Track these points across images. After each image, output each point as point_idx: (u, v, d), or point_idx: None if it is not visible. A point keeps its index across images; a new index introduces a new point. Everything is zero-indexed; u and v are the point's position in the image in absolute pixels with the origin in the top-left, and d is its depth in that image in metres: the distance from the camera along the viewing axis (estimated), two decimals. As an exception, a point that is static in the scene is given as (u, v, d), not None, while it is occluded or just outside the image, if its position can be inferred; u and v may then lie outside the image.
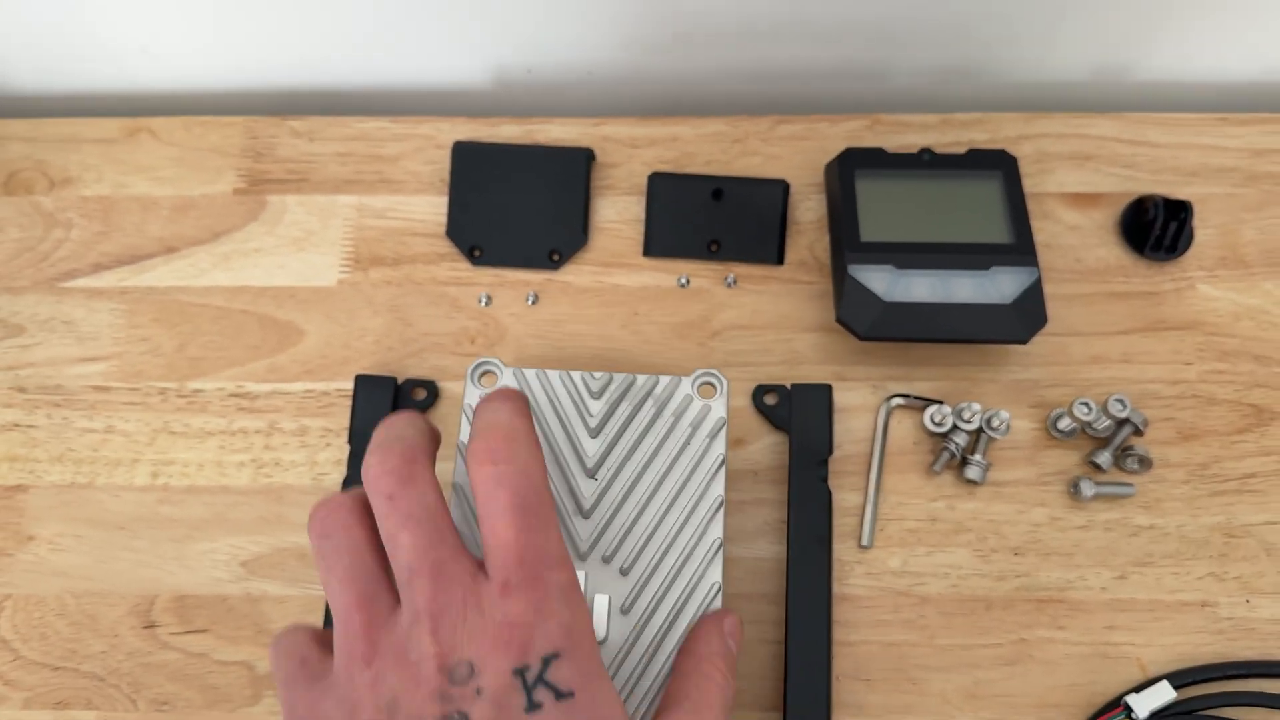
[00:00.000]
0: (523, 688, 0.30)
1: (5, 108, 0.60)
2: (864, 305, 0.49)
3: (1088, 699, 0.46)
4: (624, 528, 0.41)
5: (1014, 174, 0.52)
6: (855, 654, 0.47)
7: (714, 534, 0.41)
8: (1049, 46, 0.57)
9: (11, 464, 0.51)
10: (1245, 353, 0.52)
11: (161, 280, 0.54)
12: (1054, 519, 0.49)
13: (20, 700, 0.47)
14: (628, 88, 0.59)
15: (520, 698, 0.30)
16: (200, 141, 0.57)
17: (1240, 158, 0.55)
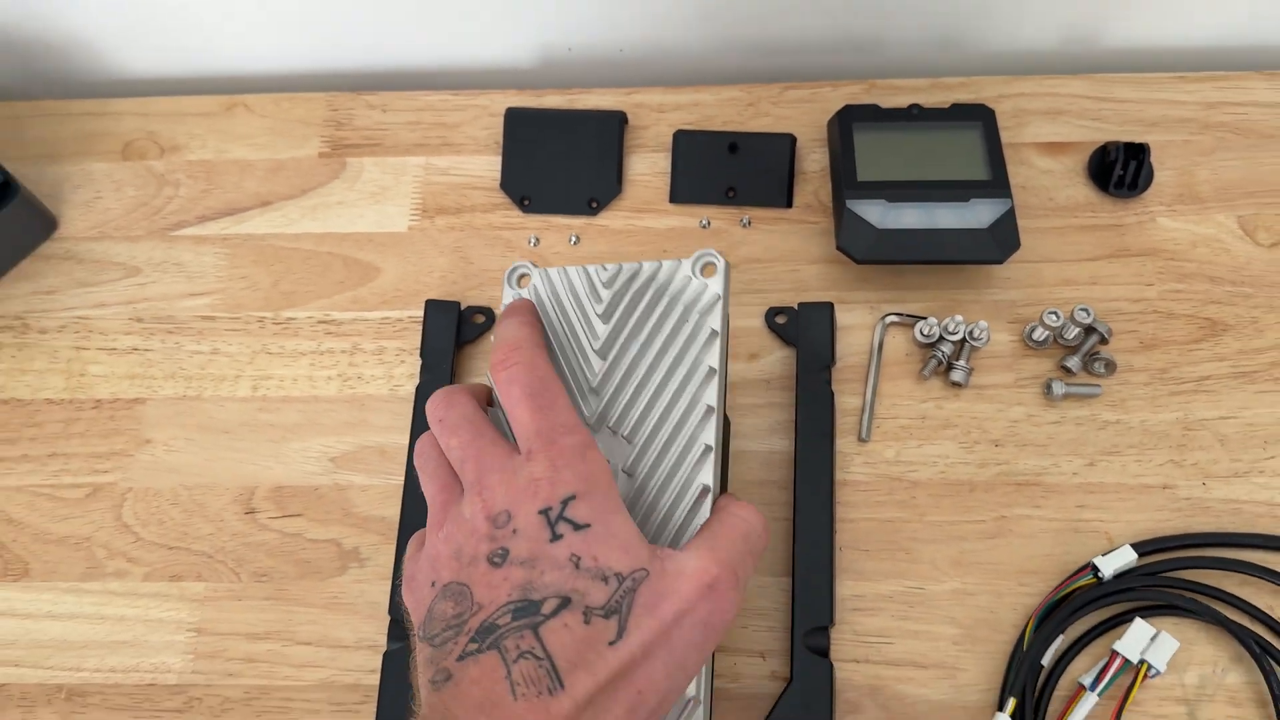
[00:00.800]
0: (547, 524, 0.38)
1: (121, 88, 0.70)
2: (860, 233, 0.57)
3: (1061, 566, 0.53)
4: (627, 399, 0.45)
5: (992, 124, 0.60)
6: (855, 529, 0.54)
7: (707, 399, 0.44)
8: (1023, 18, 0.65)
9: (131, 381, 0.60)
10: (1201, 275, 0.59)
11: (258, 229, 0.63)
12: (1030, 415, 0.56)
13: (140, 574, 0.56)
14: (654, 62, 0.68)
15: (546, 532, 0.38)
16: (288, 114, 0.66)
17: (1195, 110, 0.63)
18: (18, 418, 0.60)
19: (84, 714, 0.53)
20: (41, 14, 0.65)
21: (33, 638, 0.55)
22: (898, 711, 0.51)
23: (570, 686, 0.34)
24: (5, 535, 0.57)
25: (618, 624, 0.36)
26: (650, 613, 0.36)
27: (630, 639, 0.36)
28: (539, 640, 0.35)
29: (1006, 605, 0.52)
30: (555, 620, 0.35)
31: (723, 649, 0.52)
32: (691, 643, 0.37)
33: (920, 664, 0.52)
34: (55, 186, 0.65)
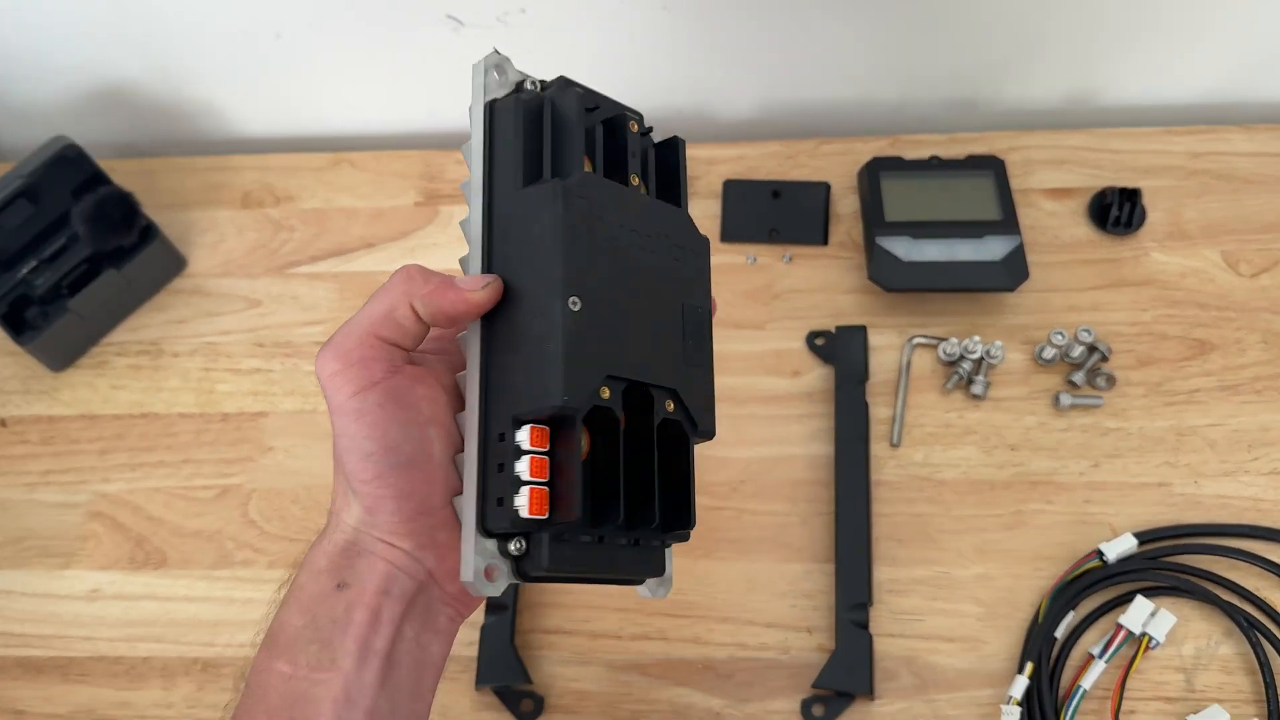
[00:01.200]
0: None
1: (240, 146, 0.80)
2: (889, 266, 0.65)
3: (1070, 552, 0.60)
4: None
5: (1002, 172, 0.69)
6: (889, 522, 0.62)
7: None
8: (1030, 81, 0.74)
9: (255, 397, 0.69)
10: (1190, 301, 0.67)
11: (364, 266, 0.73)
12: (1041, 423, 0.64)
13: (265, 562, 0.64)
14: (705, 122, 0.78)
15: None
16: (388, 169, 0.76)
17: (1182, 159, 0.71)
18: (155, 429, 0.69)
19: (217, 683, 0.61)
20: (174, 82, 0.76)
21: (171, 618, 0.63)
22: (929, 678, 0.58)
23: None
24: (145, 530, 0.66)
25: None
26: None
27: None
28: None
29: (1024, 587, 0.60)
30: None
31: (774, 625, 0.60)
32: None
33: (948, 637, 0.59)
34: (184, 230, 0.75)
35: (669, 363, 0.41)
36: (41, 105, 0.78)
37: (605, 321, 0.39)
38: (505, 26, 0.69)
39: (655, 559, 0.42)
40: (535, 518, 0.37)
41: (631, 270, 0.40)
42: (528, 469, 0.37)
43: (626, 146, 0.42)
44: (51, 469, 0.68)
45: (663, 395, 0.40)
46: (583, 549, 0.39)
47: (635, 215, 0.41)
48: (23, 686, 0.62)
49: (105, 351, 0.72)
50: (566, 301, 0.38)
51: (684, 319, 0.42)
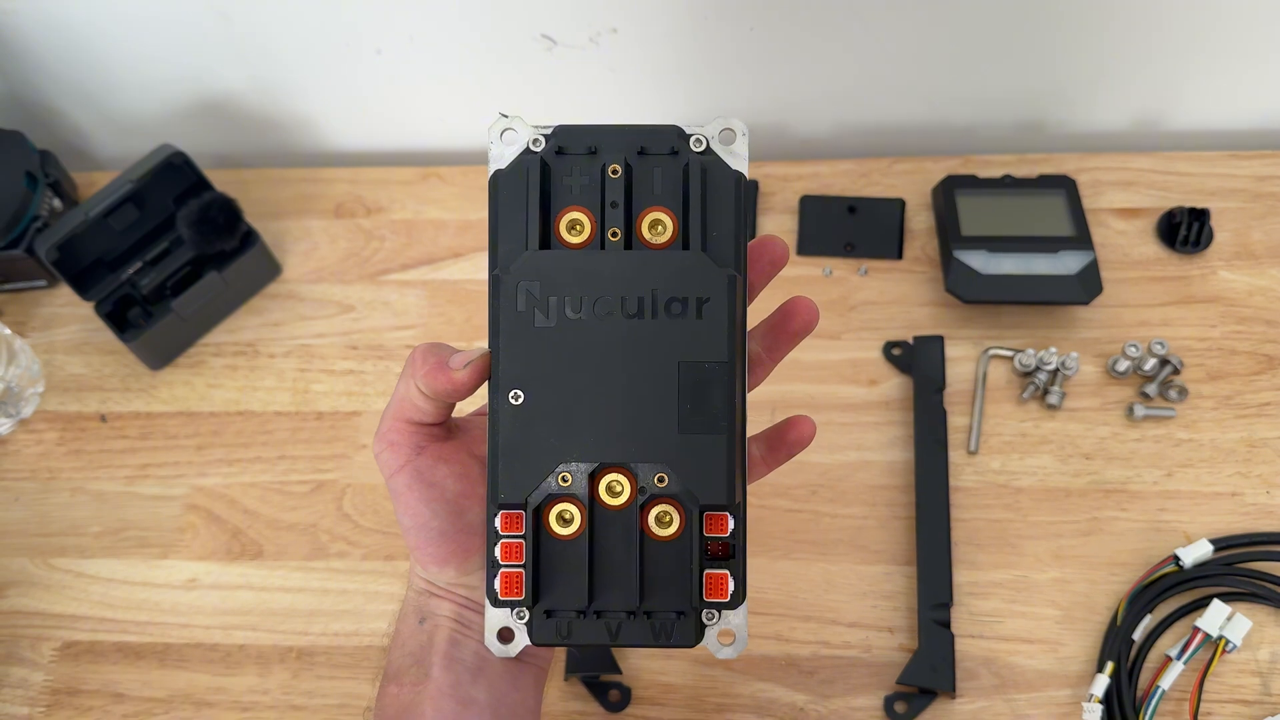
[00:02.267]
0: None
1: (334, 159, 0.83)
2: (967, 278, 0.68)
3: (1145, 559, 0.62)
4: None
5: (1074, 191, 0.71)
6: (968, 527, 0.64)
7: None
8: (1098, 105, 0.77)
9: (349, 396, 0.72)
10: (1258, 318, 0.69)
11: (452, 275, 0.75)
12: (1115, 434, 0.66)
13: (359, 554, 0.66)
14: (780, 140, 0.80)
15: None
16: (475, 183, 0.79)
17: (1248, 182, 0.74)
18: (251, 426, 0.71)
19: (311, 670, 0.63)
20: (273, 95, 0.79)
21: (267, 607, 0.65)
22: (1008, 678, 0.59)
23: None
24: (242, 522, 0.68)
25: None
26: None
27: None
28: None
29: (1100, 591, 0.61)
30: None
31: (855, 624, 0.62)
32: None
33: (1027, 639, 0.60)
34: (278, 238, 0.78)
35: (654, 434, 0.39)
36: (142, 116, 0.81)
37: (559, 407, 0.39)
38: (596, 46, 0.72)
39: (679, 628, 0.41)
40: (510, 599, 0.41)
41: (600, 341, 0.39)
42: (500, 553, 0.41)
43: (605, 199, 0.40)
44: (149, 463, 0.71)
45: (650, 469, 0.40)
46: (577, 622, 0.41)
47: (609, 278, 0.39)
48: (122, 671, 0.64)
49: (202, 352, 0.75)
50: (507, 396, 0.39)
51: (680, 379, 0.39)
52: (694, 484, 0.40)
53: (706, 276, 0.40)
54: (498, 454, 0.40)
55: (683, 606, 0.40)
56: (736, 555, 0.41)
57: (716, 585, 0.40)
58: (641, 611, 0.40)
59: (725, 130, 0.41)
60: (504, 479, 0.40)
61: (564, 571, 0.40)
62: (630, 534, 0.40)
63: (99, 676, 0.64)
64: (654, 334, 0.39)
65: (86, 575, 0.68)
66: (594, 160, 0.41)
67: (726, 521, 0.40)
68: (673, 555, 0.40)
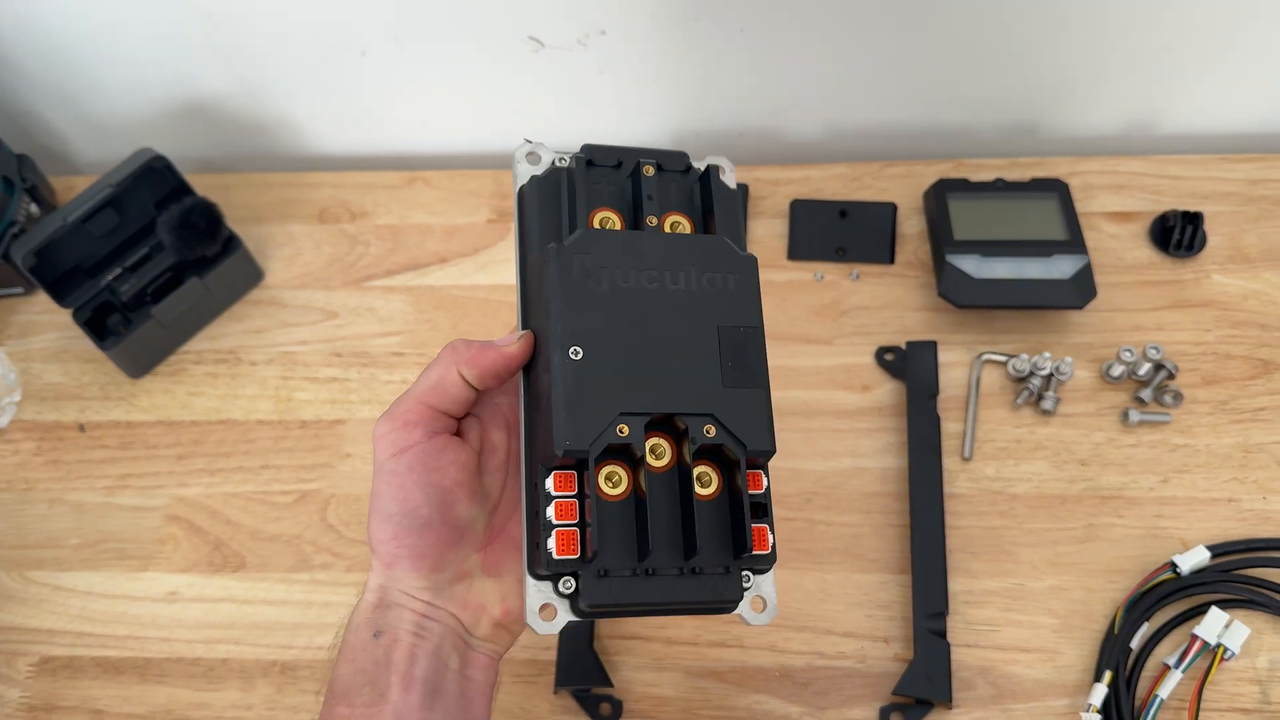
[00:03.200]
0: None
1: (318, 163, 0.82)
2: (960, 283, 0.67)
3: (1142, 566, 0.61)
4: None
5: (1066, 194, 0.70)
6: (963, 534, 0.63)
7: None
8: (1090, 108, 0.76)
9: (333, 404, 0.70)
10: (1252, 323, 0.68)
11: (438, 281, 0.74)
12: (1110, 439, 0.65)
13: (344, 566, 0.65)
14: (770, 144, 0.80)
15: None
16: (461, 187, 0.78)
17: (1241, 185, 0.73)
18: (233, 435, 0.70)
19: (295, 685, 0.62)
20: (257, 98, 0.78)
21: (250, 620, 0.64)
22: (1005, 688, 0.59)
23: None
24: (224, 534, 0.67)
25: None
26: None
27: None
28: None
29: (1097, 599, 0.60)
30: None
31: (850, 634, 0.61)
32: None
33: (1024, 648, 0.60)
34: (261, 244, 0.77)
35: (702, 387, 0.42)
36: (123, 119, 0.80)
37: (615, 362, 0.42)
38: (585, 48, 0.72)
39: (726, 585, 0.42)
40: (566, 558, 0.41)
41: (648, 307, 0.43)
42: (554, 513, 0.41)
43: (641, 193, 0.45)
44: (129, 473, 0.70)
45: (699, 421, 0.42)
46: (631, 582, 0.41)
47: (652, 254, 0.44)
48: (101, 686, 0.63)
49: (183, 360, 0.73)
50: (567, 353, 0.41)
51: (720, 340, 0.43)
52: (741, 432, 0.42)
53: (735, 257, 0.45)
54: (561, 403, 0.41)
55: (728, 561, 0.42)
56: (769, 513, 0.43)
57: (759, 538, 0.42)
58: (689, 569, 0.41)
59: (713, 166, 0.47)
60: (569, 427, 0.41)
61: (615, 532, 0.41)
62: (674, 492, 0.42)
63: (77, 692, 0.63)
64: (695, 301, 0.43)
65: (64, 588, 0.66)
66: (619, 172, 0.46)
67: (761, 479, 0.43)
68: (714, 514, 0.42)
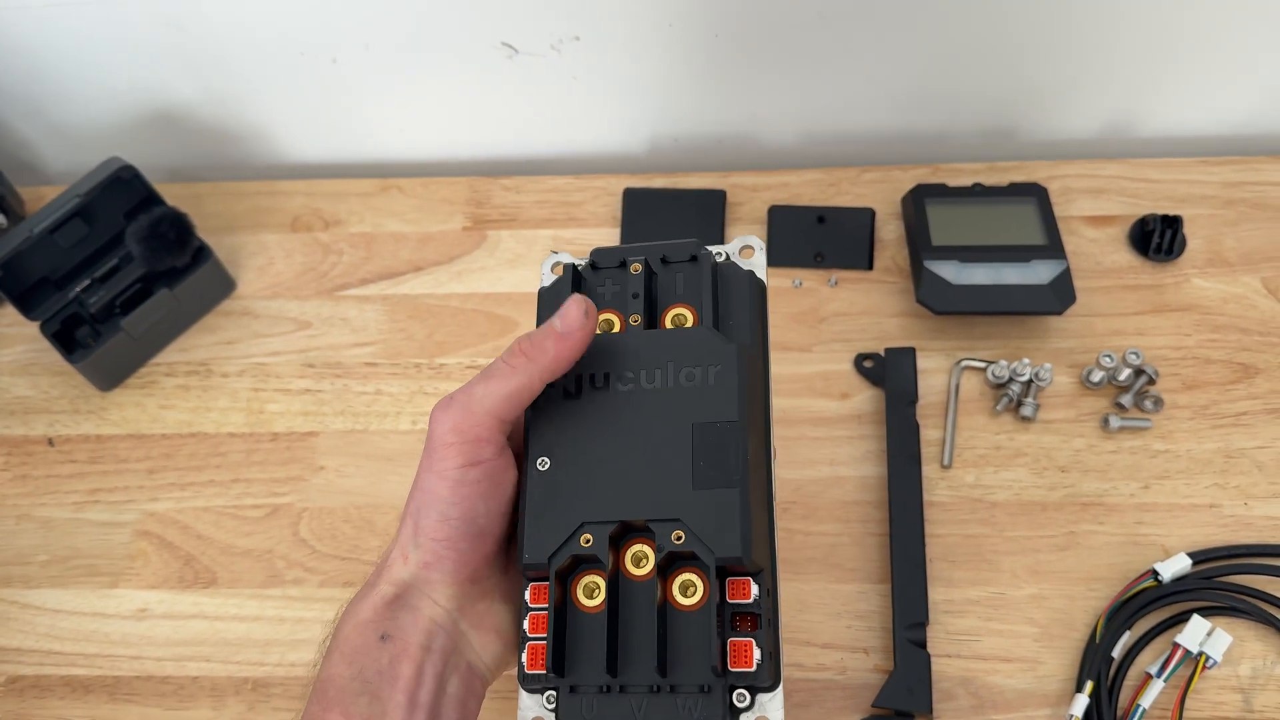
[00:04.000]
0: None
1: (290, 171, 0.81)
2: (938, 289, 0.66)
3: (1123, 573, 0.61)
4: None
5: (1045, 199, 0.70)
6: (943, 543, 0.62)
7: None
8: (1068, 112, 0.76)
9: (305, 416, 0.69)
10: (1233, 326, 0.68)
11: (413, 290, 0.73)
12: (1090, 446, 0.64)
13: (317, 581, 0.64)
14: (747, 150, 0.79)
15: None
16: (435, 194, 0.77)
17: (1219, 188, 0.73)
18: (204, 448, 0.69)
19: (267, 703, 0.61)
20: (226, 106, 0.77)
21: (221, 637, 0.63)
22: (986, 699, 0.58)
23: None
24: (195, 549, 0.66)
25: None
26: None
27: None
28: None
29: (1078, 607, 0.60)
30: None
31: (830, 645, 0.60)
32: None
33: (1005, 658, 0.59)
34: (233, 254, 0.76)
35: (669, 492, 0.40)
36: (91, 128, 0.79)
37: (583, 471, 0.41)
38: (558, 54, 0.71)
39: (704, 706, 0.39)
40: (535, 672, 0.40)
41: (621, 410, 0.42)
42: (528, 625, 0.41)
43: (626, 292, 0.45)
44: (99, 488, 0.68)
45: (666, 528, 0.40)
46: (602, 700, 0.39)
47: (629, 355, 0.43)
48: (70, 706, 0.62)
49: (154, 372, 0.72)
50: (535, 464, 0.42)
51: (694, 438, 0.41)
52: (708, 537, 0.39)
53: (717, 347, 0.42)
54: (523, 517, 0.41)
55: (706, 679, 0.39)
56: (764, 627, 0.39)
57: (740, 653, 0.39)
58: (665, 687, 0.39)
59: (745, 248, 0.46)
60: (529, 541, 0.40)
61: (590, 645, 0.40)
62: (651, 603, 0.40)
63: (45, 712, 0.61)
64: (670, 401, 0.42)
65: (32, 606, 0.65)
66: (623, 271, 0.45)
67: (750, 587, 0.39)
68: (698, 626, 0.40)
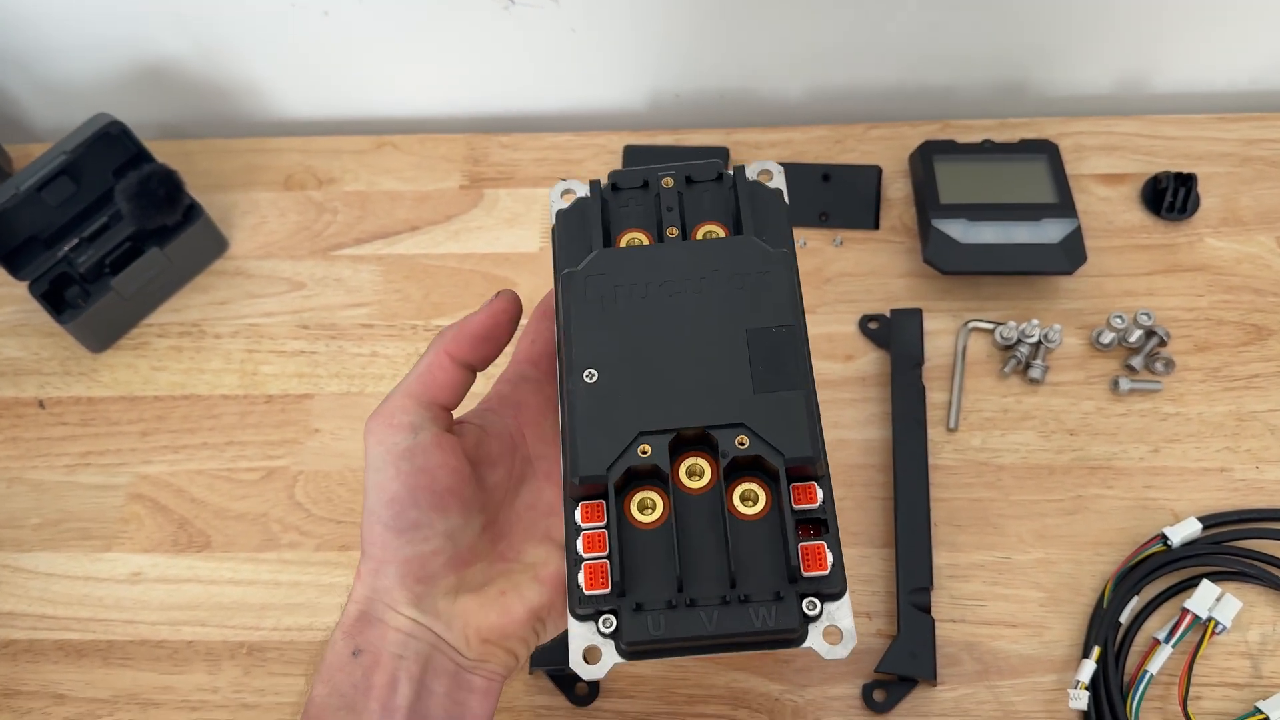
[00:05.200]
0: None
1: (282, 128, 0.79)
2: (946, 248, 0.65)
3: (1132, 538, 0.59)
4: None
5: (1056, 156, 0.68)
6: (948, 507, 0.61)
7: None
8: (1080, 67, 0.74)
9: (300, 378, 0.68)
10: (1246, 287, 0.66)
11: (409, 250, 0.72)
12: (1100, 408, 0.63)
13: (313, 545, 0.63)
14: (750, 106, 0.77)
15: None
16: (432, 152, 0.75)
17: (1235, 146, 0.71)
18: (198, 410, 0.68)
19: (263, 667, 0.60)
20: (216, 61, 0.75)
21: (215, 601, 0.62)
22: (991, 664, 0.57)
23: None
24: (189, 512, 0.65)
25: None
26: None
27: None
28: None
29: (1085, 572, 0.59)
30: None
31: (833, 610, 0.59)
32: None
33: (1010, 623, 0.58)
34: (225, 212, 0.74)
35: (730, 396, 0.39)
36: (79, 84, 0.77)
37: (635, 381, 0.39)
38: (556, 5, 0.69)
39: (779, 614, 0.37)
40: (596, 592, 0.37)
41: (670, 320, 0.41)
42: (582, 545, 0.38)
43: (660, 206, 0.44)
44: (91, 450, 0.67)
45: (729, 433, 0.38)
46: (670, 615, 0.37)
47: (672, 265, 0.42)
48: (63, 670, 0.61)
49: (146, 333, 0.71)
50: (581, 377, 0.40)
51: (750, 344, 0.40)
52: (776, 439, 0.38)
53: (764, 255, 0.41)
54: (575, 430, 0.39)
55: (778, 586, 0.37)
56: (830, 529, 0.38)
57: (813, 557, 0.37)
58: (736, 597, 0.37)
59: (763, 172, 0.45)
60: (583, 453, 0.38)
61: (650, 562, 0.38)
62: (716, 514, 0.38)
63: (38, 677, 0.61)
64: (720, 306, 0.40)
65: (24, 570, 0.64)
66: (646, 192, 0.44)
67: (815, 491, 0.38)
68: (762, 535, 0.38)
